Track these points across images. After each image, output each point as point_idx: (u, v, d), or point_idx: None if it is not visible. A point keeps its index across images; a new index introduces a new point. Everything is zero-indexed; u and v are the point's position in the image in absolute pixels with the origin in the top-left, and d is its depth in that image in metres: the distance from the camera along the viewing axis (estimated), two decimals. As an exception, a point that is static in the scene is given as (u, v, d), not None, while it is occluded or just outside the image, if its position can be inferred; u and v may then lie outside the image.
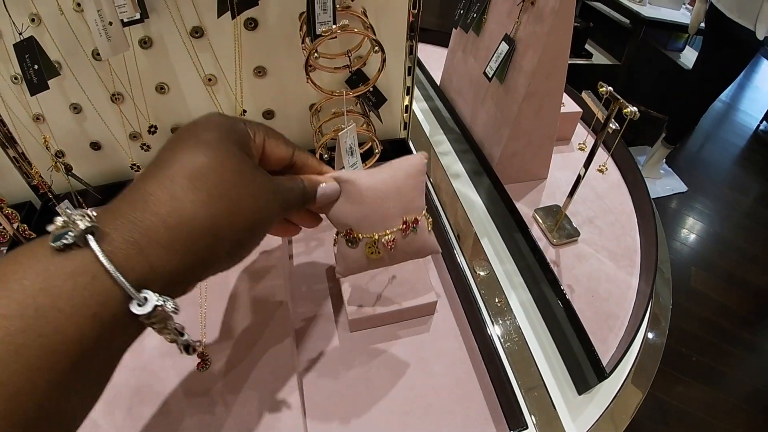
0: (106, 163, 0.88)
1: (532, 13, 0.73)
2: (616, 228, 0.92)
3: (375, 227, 0.50)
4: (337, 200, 0.49)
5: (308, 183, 0.44)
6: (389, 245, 0.51)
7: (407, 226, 0.51)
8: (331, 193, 0.48)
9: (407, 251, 0.53)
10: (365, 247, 0.51)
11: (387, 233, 0.51)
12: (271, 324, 0.62)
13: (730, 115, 3.80)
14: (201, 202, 0.31)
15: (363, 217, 0.50)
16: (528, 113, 0.80)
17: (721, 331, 2.07)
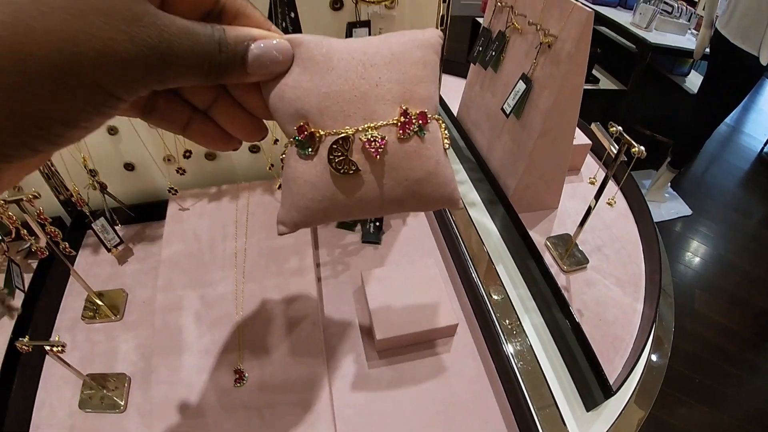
0: (138, 184, 0.94)
1: (549, 56, 0.79)
2: (623, 255, 0.97)
3: (349, 116, 0.34)
4: (285, 72, 0.33)
5: (232, 34, 0.28)
6: (374, 149, 0.34)
7: (408, 121, 0.34)
8: (275, 55, 0.32)
9: (406, 172, 0.35)
10: (328, 153, 0.34)
11: (370, 126, 0.34)
12: (304, 343, 0.67)
13: (734, 138, 3.83)
14: None
15: (329, 97, 0.33)
16: (543, 148, 0.85)
17: (724, 353, 2.10)
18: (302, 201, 0.36)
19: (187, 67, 0.26)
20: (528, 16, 0.82)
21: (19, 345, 0.63)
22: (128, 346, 0.75)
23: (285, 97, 0.33)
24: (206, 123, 0.35)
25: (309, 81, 0.33)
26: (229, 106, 0.35)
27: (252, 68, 0.30)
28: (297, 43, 0.33)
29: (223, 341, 0.68)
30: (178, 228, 0.83)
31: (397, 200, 0.36)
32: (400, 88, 0.34)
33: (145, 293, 0.83)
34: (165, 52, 0.24)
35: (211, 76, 0.28)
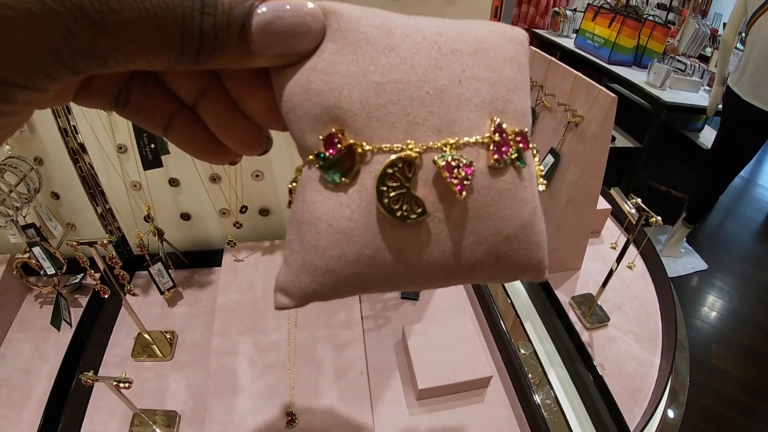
0: (192, 232, 1.02)
1: (575, 134, 0.88)
2: (641, 313, 1.03)
3: (416, 124, 0.23)
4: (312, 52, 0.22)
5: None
6: (458, 180, 0.22)
7: (504, 141, 0.24)
8: (297, 21, 0.21)
9: (496, 223, 0.24)
10: (378, 183, 0.22)
11: (449, 144, 0.23)
12: (351, 390, 0.74)
13: (749, 191, 3.85)
14: None
15: (385, 90, 0.22)
16: (568, 216, 0.93)
17: (740, 407, 2.08)
18: (321, 260, 0.24)
19: (142, 37, 0.17)
20: (557, 96, 0.92)
21: (84, 378, 0.69)
22: (178, 385, 0.82)
23: (310, 89, 0.22)
24: (192, 123, 0.25)
25: (352, 63, 0.22)
26: (219, 101, 0.25)
27: (258, 43, 0.20)
28: (330, 11, 0.22)
29: (275, 385, 0.74)
30: (233, 277, 0.90)
31: (471, 267, 0.25)
32: (491, 91, 0.24)
33: (195, 336, 0.89)
34: (95, 7, 0.16)
35: (188, 54, 0.19)
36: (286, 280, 0.25)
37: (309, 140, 0.23)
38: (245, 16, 0.19)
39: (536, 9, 3.76)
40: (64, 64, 0.17)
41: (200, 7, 0.18)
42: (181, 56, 0.19)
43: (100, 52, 0.17)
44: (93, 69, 0.18)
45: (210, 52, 0.19)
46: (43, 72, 0.17)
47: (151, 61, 0.19)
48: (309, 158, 0.23)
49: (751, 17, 2.13)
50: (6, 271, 0.94)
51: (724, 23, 3.34)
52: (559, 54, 3.42)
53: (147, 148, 0.82)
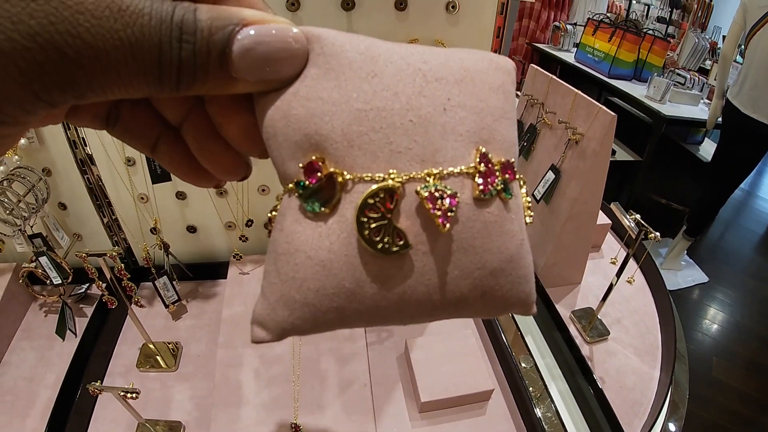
0: (198, 245, 1.03)
1: (576, 151, 0.89)
2: (641, 327, 1.04)
3: (398, 153, 0.22)
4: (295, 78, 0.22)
5: (207, 15, 0.18)
6: (441, 211, 0.21)
7: (490, 171, 0.23)
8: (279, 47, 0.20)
9: (481, 256, 0.24)
10: (359, 214, 0.22)
11: (433, 174, 0.22)
12: (354, 403, 0.75)
13: (748, 203, 3.86)
14: None
15: (368, 117, 0.22)
16: (569, 231, 0.94)
17: (742, 420, 2.08)
18: (299, 293, 0.23)
19: (118, 68, 0.17)
20: (558, 114, 0.93)
21: (91, 388, 0.70)
22: (183, 396, 0.82)
23: (291, 114, 0.22)
24: (177, 145, 0.25)
25: (334, 90, 0.22)
26: (200, 124, 0.24)
27: (239, 69, 0.19)
28: (314, 36, 0.22)
29: (280, 397, 0.75)
30: (238, 290, 0.92)
31: (456, 302, 0.24)
32: (476, 120, 0.23)
33: (200, 347, 0.90)
34: (67, 42, 0.15)
35: (168, 83, 0.18)
36: (263, 313, 0.24)
37: (289, 168, 0.23)
38: (225, 41, 0.19)
39: (537, 23, 3.80)
40: (40, 98, 0.16)
41: (178, 35, 0.17)
42: (160, 85, 0.19)
43: (75, 85, 0.17)
44: (70, 101, 0.18)
45: (190, 80, 0.19)
46: (18, 107, 0.16)
47: (129, 91, 0.18)
48: (289, 186, 0.23)
49: (750, 31, 2.16)
50: (12, 279, 0.95)
51: (723, 36, 3.37)
52: (560, 68, 3.45)
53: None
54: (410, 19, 0.76)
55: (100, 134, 0.86)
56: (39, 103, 0.17)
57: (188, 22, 0.18)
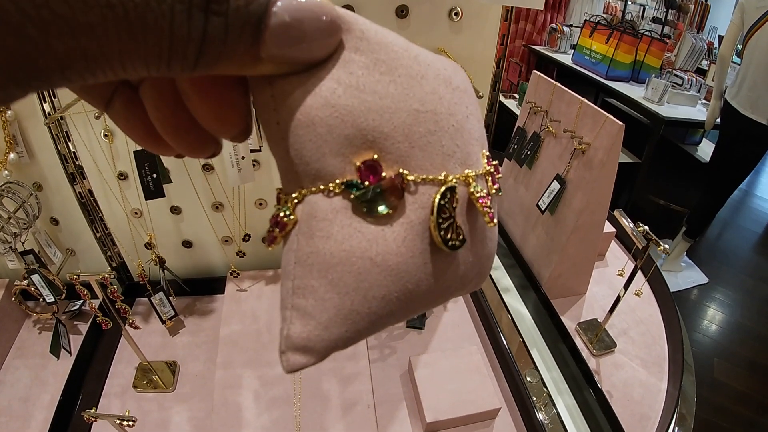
0: (194, 260, 1.01)
1: (582, 161, 0.87)
2: (647, 338, 1.02)
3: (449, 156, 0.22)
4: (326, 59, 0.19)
5: None
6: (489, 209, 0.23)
7: (496, 172, 0.25)
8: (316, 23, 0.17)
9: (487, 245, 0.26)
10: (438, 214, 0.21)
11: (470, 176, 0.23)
12: (358, 424, 0.72)
13: (747, 203, 3.86)
14: None
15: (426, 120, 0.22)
16: (575, 242, 0.92)
17: (743, 420, 2.07)
18: (365, 303, 0.21)
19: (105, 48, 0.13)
20: (562, 123, 0.91)
21: (86, 416, 0.67)
22: (181, 417, 0.80)
23: (339, 104, 0.20)
24: (133, 105, 0.21)
25: (391, 85, 0.20)
26: (163, 89, 0.20)
27: (272, 47, 0.16)
28: (347, 18, 0.20)
29: (281, 420, 0.73)
30: (236, 308, 0.89)
31: (462, 286, 0.25)
32: (479, 127, 0.25)
33: (198, 367, 0.88)
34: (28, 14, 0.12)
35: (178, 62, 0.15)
36: (311, 335, 0.21)
37: (329, 164, 0.20)
38: (262, 14, 0.15)
39: (533, 25, 3.78)
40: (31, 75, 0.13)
41: (203, 3, 0.14)
42: (167, 67, 0.15)
43: (41, 73, 0.13)
44: (33, 92, 0.14)
45: (212, 60, 0.15)
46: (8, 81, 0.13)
47: (118, 74, 0.14)
48: (332, 186, 0.20)
49: (749, 31, 2.15)
50: (4, 296, 0.93)
51: (719, 36, 3.37)
52: (557, 70, 3.43)
53: (149, 178, 0.81)
54: (412, 27, 0.74)
55: (90, 148, 0.84)
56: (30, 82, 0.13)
57: None
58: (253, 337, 0.84)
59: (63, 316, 0.96)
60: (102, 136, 0.82)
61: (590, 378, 0.85)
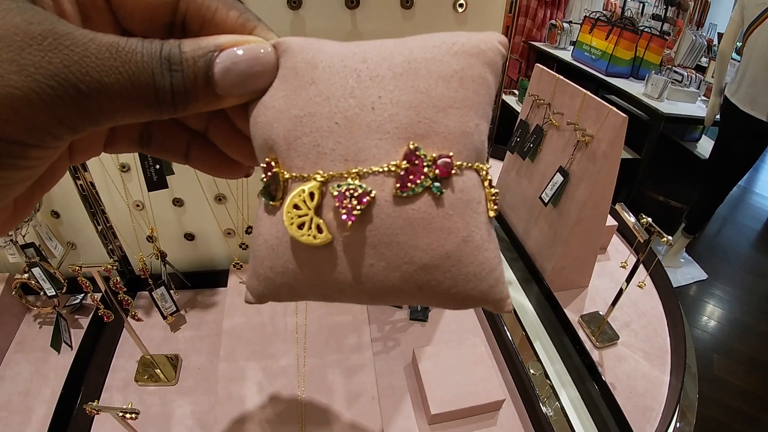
0: (196, 253, 1.01)
1: (585, 153, 0.87)
2: (649, 330, 1.02)
3: (323, 154, 0.24)
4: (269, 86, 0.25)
5: (190, 47, 0.22)
6: (346, 209, 0.23)
7: (416, 169, 0.23)
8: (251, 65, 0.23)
9: (406, 251, 0.24)
10: (286, 209, 0.25)
11: (352, 173, 0.24)
12: (362, 416, 0.72)
13: (746, 199, 3.87)
14: None
15: (302, 123, 0.24)
16: (578, 235, 0.92)
17: (743, 417, 2.08)
18: (261, 268, 0.27)
19: (122, 96, 0.20)
20: (565, 115, 0.91)
21: (89, 409, 0.67)
22: (183, 411, 0.80)
23: (257, 121, 0.25)
24: (207, 148, 0.29)
25: (282, 98, 0.24)
26: (222, 124, 0.29)
27: (223, 87, 0.23)
28: (283, 48, 0.25)
29: (285, 412, 0.73)
30: (239, 300, 0.89)
31: (393, 291, 0.25)
32: (410, 114, 0.24)
33: (200, 360, 0.88)
34: (79, 79, 0.19)
35: (165, 105, 0.22)
36: (247, 281, 0.30)
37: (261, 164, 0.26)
38: (207, 66, 0.22)
39: (533, 22, 3.78)
40: (62, 124, 0.20)
41: (168, 66, 0.21)
42: (159, 108, 0.22)
43: (90, 112, 0.20)
44: (88, 127, 0.21)
45: (184, 101, 0.22)
46: (46, 133, 0.20)
47: (135, 116, 0.22)
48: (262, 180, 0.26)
49: (748, 28, 2.15)
50: (5, 290, 0.92)
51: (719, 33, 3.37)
52: (557, 67, 3.43)
53: (152, 169, 0.81)
54: (416, 17, 0.73)
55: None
56: (62, 128, 0.20)
57: (174, 54, 0.21)
58: (256, 329, 0.84)
59: (64, 310, 0.95)
60: (104, 128, 0.81)
61: (593, 370, 0.85)
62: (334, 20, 0.72)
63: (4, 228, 0.26)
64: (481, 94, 0.25)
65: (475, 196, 0.25)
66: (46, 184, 0.26)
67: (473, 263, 0.25)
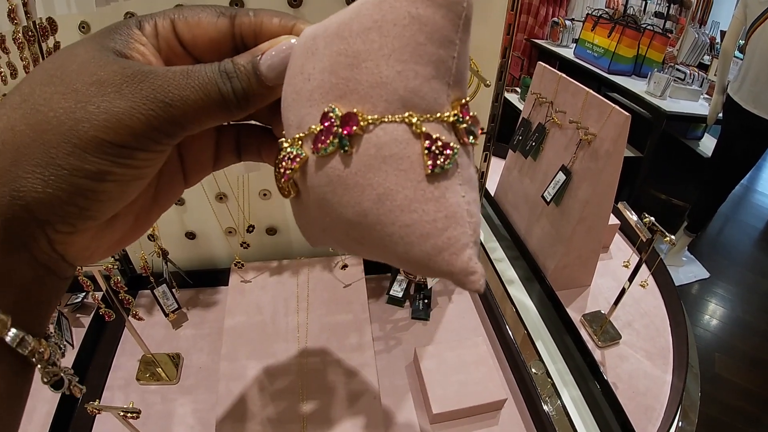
0: (197, 251, 1.00)
1: (588, 151, 0.87)
2: (651, 330, 1.02)
3: (290, 126, 0.28)
4: None
5: (242, 58, 0.28)
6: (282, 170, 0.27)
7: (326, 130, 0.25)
8: (282, 56, 0.28)
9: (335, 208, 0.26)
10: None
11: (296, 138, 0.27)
12: (364, 416, 0.72)
13: (748, 198, 3.85)
14: (2, 114, 0.24)
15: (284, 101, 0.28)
16: (580, 233, 0.92)
17: (745, 416, 2.07)
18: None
19: (198, 103, 0.26)
20: (568, 113, 0.91)
21: (90, 408, 0.67)
22: (185, 410, 0.80)
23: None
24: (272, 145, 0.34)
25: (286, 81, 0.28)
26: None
27: (270, 79, 0.28)
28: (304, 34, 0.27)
29: (286, 412, 0.73)
30: (240, 299, 0.89)
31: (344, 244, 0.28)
32: (330, 79, 0.25)
33: (202, 359, 0.87)
34: (164, 95, 0.25)
35: (233, 105, 0.27)
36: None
37: None
38: (254, 68, 0.28)
39: (535, 19, 3.77)
40: (157, 130, 0.25)
41: (226, 76, 0.27)
42: (229, 109, 0.27)
43: (176, 118, 0.26)
44: (178, 130, 0.27)
45: (245, 99, 0.28)
46: (146, 137, 0.25)
47: (212, 117, 0.28)
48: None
49: (751, 26, 2.14)
50: (6, 290, 0.92)
51: (721, 31, 3.35)
52: (559, 64, 3.42)
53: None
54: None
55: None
56: (158, 134, 0.26)
57: (228, 67, 0.27)
58: (258, 328, 0.84)
59: (65, 308, 0.95)
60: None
61: (596, 370, 0.85)
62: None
63: (125, 241, 0.32)
64: (406, 36, 0.23)
65: (395, 151, 0.23)
66: (164, 203, 0.33)
67: (396, 224, 0.24)
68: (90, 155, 0.24)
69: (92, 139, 0.24)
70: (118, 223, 0.30)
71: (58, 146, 0.24)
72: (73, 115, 0.24)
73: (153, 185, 0.32)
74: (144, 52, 0.27)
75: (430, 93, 0.24)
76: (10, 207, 0.23)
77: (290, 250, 0.99)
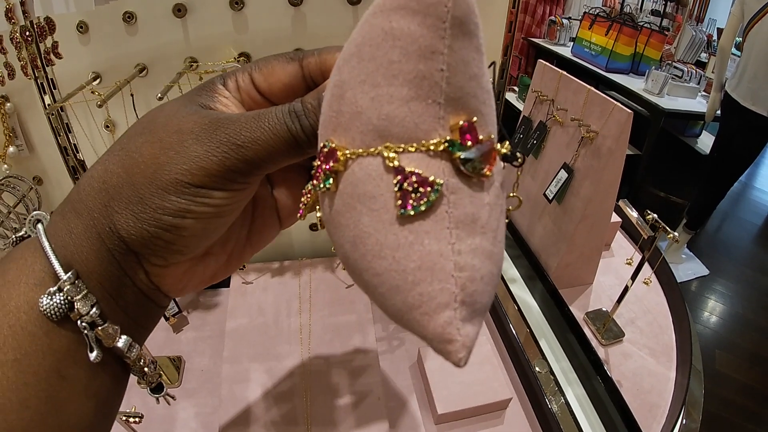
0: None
1: (590, 149, 0.87)
2: (655, 327, 1.01)
3: None
4: None
5: (309, 99, 0.28)
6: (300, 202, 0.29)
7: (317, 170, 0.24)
8: None
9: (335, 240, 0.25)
10: None
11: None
12: (368, 417, 0.72)
13: (746, 195, 3.87)
14: (100, 162, 0.29)
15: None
16: (582, 231, 0.91)
17: (746, 413, 2.08)
18: None
19: (269, 143, 0.27)
20: (569, 111, 0.90)
21: (92, 412, 0.66)
22: (187, 413, 0.79)
23: None
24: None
25: None
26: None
27: None
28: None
29: (290, 414, 0.72)
30: (242, 301, 0.88)
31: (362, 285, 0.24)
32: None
33: (204, 362, 0.87)
34: (237, 138, 0.27)
35: (303, 143, 0.28)
36: None
37: None
38: (318, 106, 0.27)
39: (532, 18, 3.77)
40: (233, 170, 0.27)
41: (295, 116, 0.28)
42: (300, 148, 0.28)
43: (248, 158, 0.27)
44: (253, 170, 0.28)
45: (315, 138, 0.27)
46: (222, 177, 0.27)
47: (284, 157, 0.29)
48: None
49: (749, 23, 2.15)
50: (6, 294, 0.91)
51: (719, 29, 3.36)
52: (556, 63, 3.42)
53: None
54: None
55: (92, 140, 0.82)
56: (233, 173, 0.27)
57: (297, 107, 0.28)
58: (260, 330, 0.83)
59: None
60: (104, 128, 0.81)
61: (599, 367, 0.84)
62: (335, 17, 0.71)
63: (217, 277, 0.35)
64: (379, 57, 0.20)
65: (368, 188, 0.21)
66: (257, 244, 0.36)
67: (369, 271, 0.21)
68: (171, 195, 0.27)
69: (173, 181, 0.27)
70: (211, 261, 0.33)
71: (145, 187, 0.27)
72: (157, 160, 0.27)
73: (245, 227, 0.35)
74: (227, 104, 0.31)
75: (410, 117, 0.20)
76: (110, 237, 0.27)
77: (291, 251, 0.98)
